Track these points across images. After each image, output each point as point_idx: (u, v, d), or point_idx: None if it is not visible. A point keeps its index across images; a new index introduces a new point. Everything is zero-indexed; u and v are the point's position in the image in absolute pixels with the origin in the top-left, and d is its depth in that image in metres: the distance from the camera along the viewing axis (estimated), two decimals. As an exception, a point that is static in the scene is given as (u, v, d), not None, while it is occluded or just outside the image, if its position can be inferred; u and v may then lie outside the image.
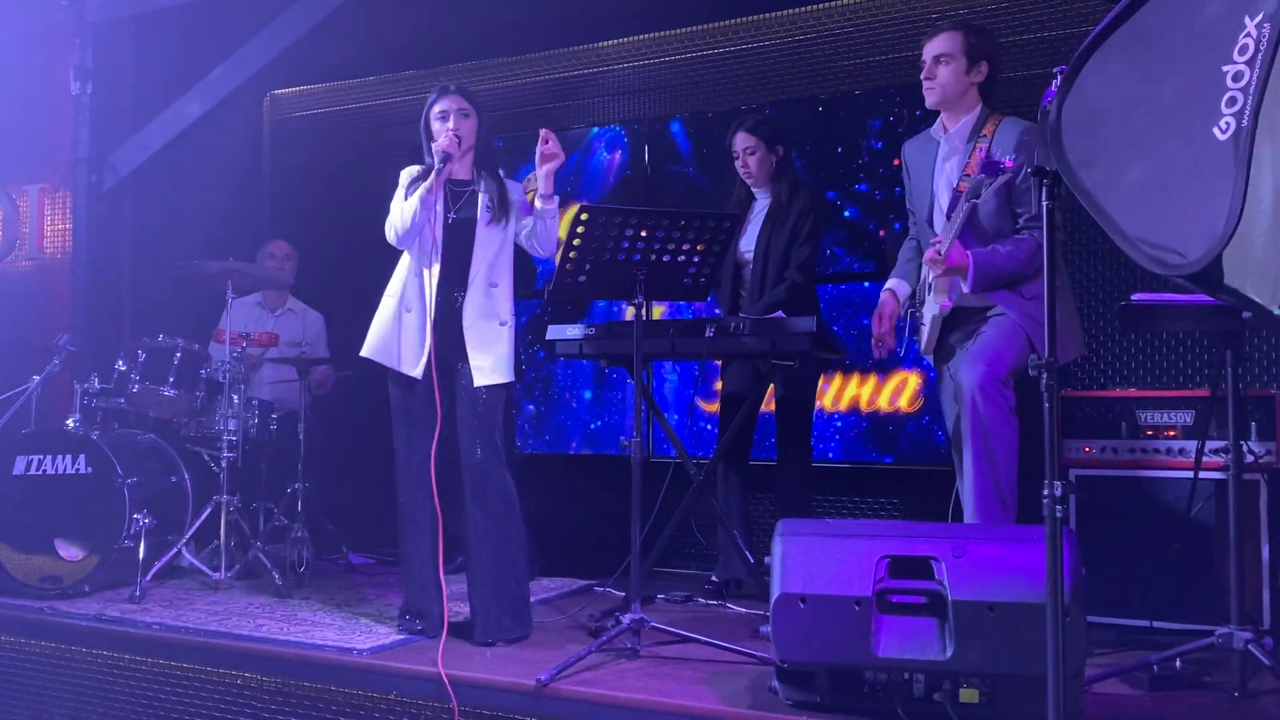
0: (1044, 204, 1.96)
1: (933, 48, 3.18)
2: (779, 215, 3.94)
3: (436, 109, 3.41)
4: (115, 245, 5.20)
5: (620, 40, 5.15)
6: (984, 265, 2.99)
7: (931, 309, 3.21)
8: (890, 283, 3.44)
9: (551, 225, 3.34)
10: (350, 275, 5.55)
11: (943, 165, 3.23)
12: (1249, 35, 1.54)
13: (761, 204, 4.03)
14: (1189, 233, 1.60)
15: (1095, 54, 1.86)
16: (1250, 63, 1.53)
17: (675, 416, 4.81)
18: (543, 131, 3.25)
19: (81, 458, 4.05)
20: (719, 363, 4.27)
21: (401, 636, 3.33)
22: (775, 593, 2.51)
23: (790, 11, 4.78)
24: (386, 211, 3.39)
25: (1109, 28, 1.86)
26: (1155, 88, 1.70)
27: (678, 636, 3.11)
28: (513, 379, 3.42)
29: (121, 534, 3.95)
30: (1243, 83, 1.54)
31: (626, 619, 3.05)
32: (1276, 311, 1.91)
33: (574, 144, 5.19)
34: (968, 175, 3.10)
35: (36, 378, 4.38)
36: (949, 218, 3.08)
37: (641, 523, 3.21)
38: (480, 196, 3.38)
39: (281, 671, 3.17)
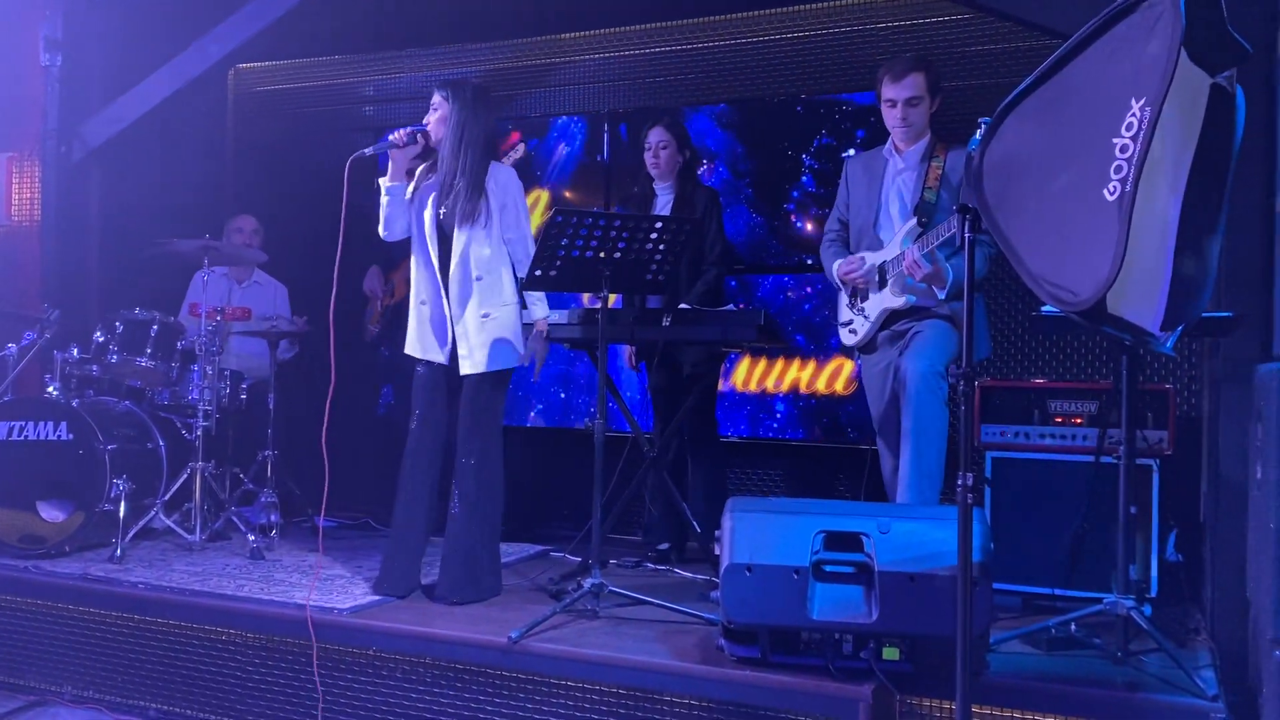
0: (966, 236, 2.28)
1: (902, 90, 3.50)
2: (683, 210, 4.28)
3: None
4: (84, 216, 5.32)
5: (584, 33, 5.37)
6: (958, 278, 3.35)
7: (890, 302, 3.55)
8: (837, 263, 3.73)
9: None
10: (311, 248, 5.72)
11: (894, 180, 3.60)
12: (1134, 115, 1.87)
13: (664, 200, 4.39)
14: (1080, 276, 1.93)
15: (1014, 111, 2.19)
16: (1134, 138, 1.86)
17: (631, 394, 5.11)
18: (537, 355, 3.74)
19: (64, 425, 4.23)
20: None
21: (377, 597, 3.60)
22: (725, 562, 2.84)
23: (751, 14, 5.06)
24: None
25: (1028, 88, 2.19)
26: (1060, 149, 2.03)
27: (633, 600, 3.42)
28: (498, 369, 3.61)
29: (103, 498, 4.16)
30: (1128, 154, 1.87)
31: (588, 583, 3.35)
32: (1159, 332, 2.27)
33: (536, 131, 5.43)
34: (929, 188, 3.46)
35: (12, 345, 4.53)
36: (909, 225, 3.48)
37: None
38: (456, 192, 3.57)
39: (266, 629, 3.43)
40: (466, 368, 3.58)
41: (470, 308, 3.58)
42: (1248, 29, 2.21)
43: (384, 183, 3.65)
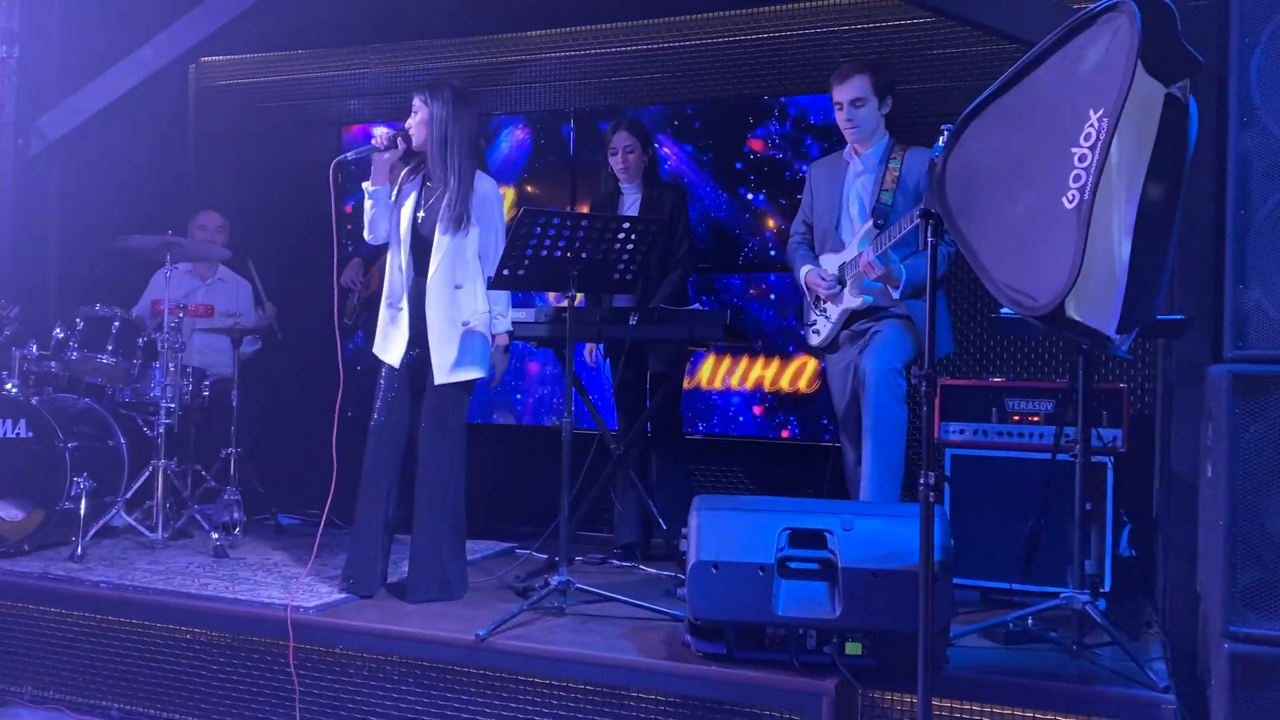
0: (929, 240, 2.33)
1: (846, 92, 3.57)
2: (651, 210, 4.29)
3: None
4: (43, 211, 5.24)
5: (551, 31, 5.39)
6: (913, 278, 3.44)
7: (849, 302, 3.62)
8: (805, 268, 3.82)
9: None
10: (274, 243, 5.69)
11: (854, 182, 3.66)
12: (1092, 125, 1.92)
13: (631, 199, 4.40)
14: (1040, 282, 1.99)
15: (976, 119, 2.24)
16: (1092, 148, 1.92)
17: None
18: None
19: (22, 422, 4.19)
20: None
21: (343, 595, 3.60)
22: (691, 560, 2.87)
23: (718, 14, 5.09)
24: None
25: (990, 97, 2.24)
26: (1020, 157, 2.08)
27: (600, 596, 3.44)
28: (471, 378, 3.64)
29: (63, 496, 4.12)
30: (1086, 164, 1.93)
31: (555, 580, 3.37)
32: (1115, 335, 2.33)
33: (500, 128, 5.44)
34: (886, 190, 3.52)
35: (-32, 343, 4.47)
36: (866, 227, 3.55)
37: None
38: (445, 196, 3.57)
39: (232, 628, 3.42)
40: (442, 375, 3.58)
41: (449, 315, 3.58)
42: (1201, 41, 2.28)
43: (368, 186, 3.65)
